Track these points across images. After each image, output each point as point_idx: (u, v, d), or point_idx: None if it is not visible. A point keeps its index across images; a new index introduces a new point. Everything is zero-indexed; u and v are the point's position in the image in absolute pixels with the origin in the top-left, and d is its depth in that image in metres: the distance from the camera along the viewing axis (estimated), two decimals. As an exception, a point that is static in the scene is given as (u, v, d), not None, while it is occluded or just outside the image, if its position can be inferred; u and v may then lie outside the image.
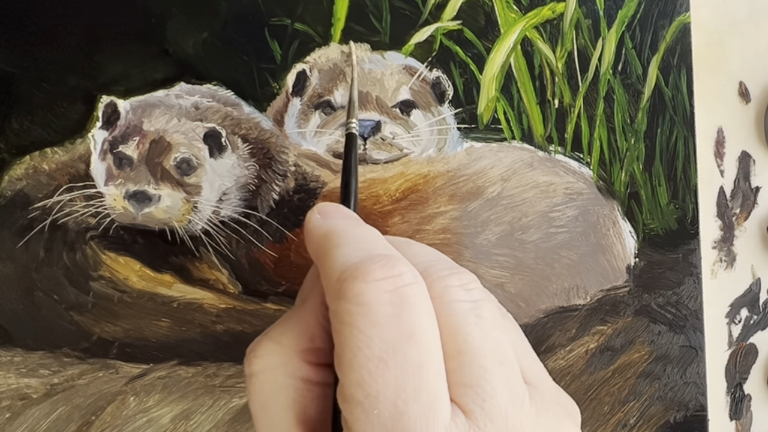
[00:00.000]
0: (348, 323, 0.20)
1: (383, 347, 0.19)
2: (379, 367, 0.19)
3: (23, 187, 0.34)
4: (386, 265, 0.20)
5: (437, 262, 0.22)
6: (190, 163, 0.35)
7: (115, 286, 0.35)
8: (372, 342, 0.19)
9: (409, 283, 0.20)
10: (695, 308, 0.43)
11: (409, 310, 0.20)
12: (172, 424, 0.35)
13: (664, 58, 0.41)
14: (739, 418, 0.46)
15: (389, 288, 0.20)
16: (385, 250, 0.22)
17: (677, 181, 0.42)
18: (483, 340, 0.20)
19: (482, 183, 0.39)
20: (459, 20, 0.38)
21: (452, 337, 0.20)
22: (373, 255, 0.21)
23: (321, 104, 0.37)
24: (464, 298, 0.21)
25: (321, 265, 0.22)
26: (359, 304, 0.20)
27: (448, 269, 0.22)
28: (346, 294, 0.20)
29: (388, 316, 0.19)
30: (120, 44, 0.34)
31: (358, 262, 0.20)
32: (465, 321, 0.21)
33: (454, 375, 0.20)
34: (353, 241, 0.22)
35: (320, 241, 0.23)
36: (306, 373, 0.22)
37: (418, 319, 0.20)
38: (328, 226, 0.23)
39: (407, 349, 0.19)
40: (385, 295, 0.20)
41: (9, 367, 0.34)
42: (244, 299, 0.36)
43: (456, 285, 0.21)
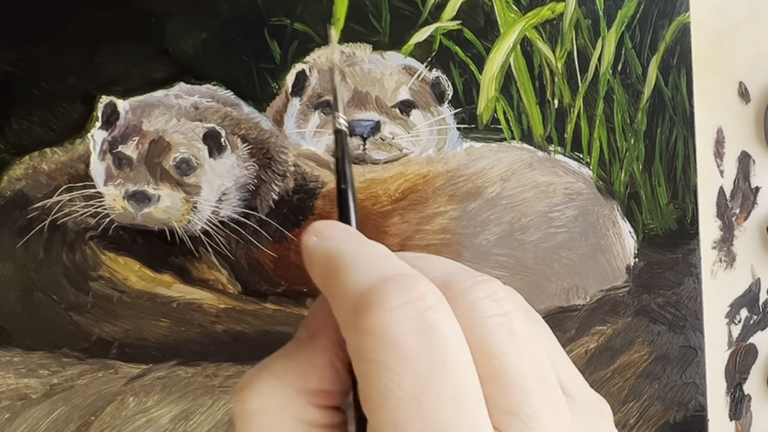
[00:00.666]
0: (373, 361, 0.18)
1: (416, 385, 0.17)
2: (413, 406, 0.17)
3: (23, 187, 0.34)
4: (403, 287, 0.18)
5: (456, 273, 0.21)
6: (190, 163, 0.35)
7: (114, 286, 0.35)
8: (402, 380, 0.17)
9: (432, 306, 0.18)
10: (695, 308, 0.43)
11: (437, 338, 0.18)
12: (172, 424, 0.35)
13: (664, 58, 0.41)
14: (739, 418, 0.46)
15: (412, 315, 0.18)
16: (399, 268, 0.20)
17: (677, 181, 0.42)
18: (519, 358, 0.19)
19: (482, 183, 0.39)
20: (458, 20, 0.38)
21: (487, 360, 0.19)
22: (387, 277, 0.19)
23: (320, 104, 0.37)
24: (494, 312, 0.19)
25: (329, 293, 0.20)
26: (381, 338, 0.18)
27: (470, 279, 0.20)
28: (365, 327, 0.18)
29: (416, 347, 0.18)
30: (120, 44, 0.34)
31: (371, 288, 0.18)
32: (498, 339, 0.19)
33: (493, 401, 0.18)
34: (362, 261, 0.20)
35: (323, 267, 0.21)
36: (312, 416, 0.20)
37: (449, 346, 0.18)
38: (329, 249, 0.21)
39: (441, 381, 0.17)
40: (409, 324, 0.18)
41: (8, 368, 0.33)
42: (244, 299, 0.36)
43: (483, 297, 0.19)
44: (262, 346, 0.36)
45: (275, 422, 0.20)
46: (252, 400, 0.20)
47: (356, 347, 0.18)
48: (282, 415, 0.20)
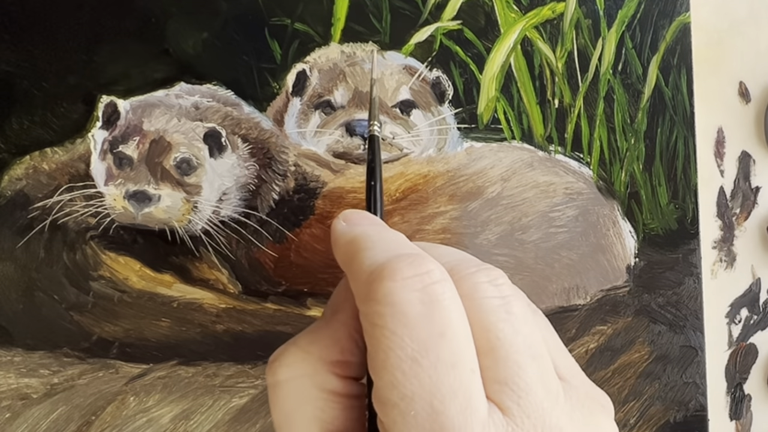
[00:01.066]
0: (379, 325, 0.19)
1: (415, 347, 0.19)
2: (413, 367, 0.19)
3: (23, 187, 0.34)
4: (413, 263, 0.20)
5: (464, 260, 0.22)
6: (190, 162, 0.35)
7: (115, 286, 0.35)
8: (404, 342, 0.19)
9: (437, 281, 0.20)
10: (695, 308, 0.43)
11: (439, 308, 0.19)
12: (172, 424, 0.35)
13: (664, 58, 0.41)
14: (739, 418, 0.46)
15: (418, 286, 0.20)
16: (412, 249, 0.22)
17: (677, 181, 0.42)
18: (515, 335, 0.20)
19: (482, 183, 0.39)
20: (459, 20, 0.38)
21: (484, 334, 0.20)
22: (400, 254, 0.21)
23: (321, 104, 0.37)
24: (493, 294, 0.21)
25: (349, 270, 0.22)
26: (389, 305, 0.19)
27: (475, 266, 0.22)
28: (375, 295, 0.20)
29: (419, 314, 0.19)
30: (120, 44, 0.34)
31: (385, 262, 0.20)
32: (496, 317, 0.20)
33: (488, 372, 0.20)
34: (380, 243, 0.22)
35: (347, 248, 0.23)
36: (334, 385, 0.22)
37: (449, 317, 0.19)
38: (354, 232, 0.23)
39: (440, 347, 0.19)
40: (415, 293, 0.19)
41: (9, 367, 0.34)
42: (244, 299, 0.36)
43: (484, 281, 0.21)
44: (263, 346, 0.36)
45: (301, 390, 0.22)
46: (281, 371, 0.22)
47: (366, 314, 0.20)
48: (307, 384, 0.22)
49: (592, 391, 0.23)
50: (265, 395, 0.36)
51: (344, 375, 0.22)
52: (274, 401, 0.22)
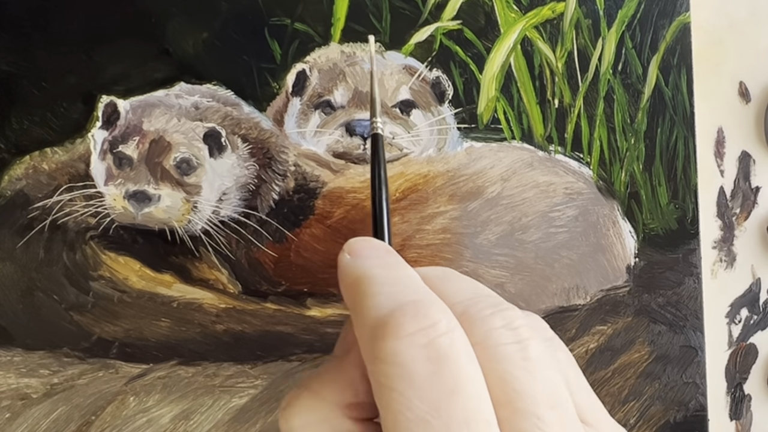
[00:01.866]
0: (386, 386, 0.19)
1: (425, 408, 0.18)
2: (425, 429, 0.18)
3: (23, 187, 0.34)
4: (417, 315, 0.19)
5: (477, 301, 0.21)
6: (190, 162, 0.35)
7: (115, 286, 0.35)
8: (412, 404, 0.18)
9: (444, 333, 0.19)
10: (695, 308, 0.43)
11: (448, 364, 0.18)
12: (172, 424, 0.35)
13: (664, 58, 0.41)
14: (739, 418, 0.46)
15: (423, 341, 0.19)
16: (417, 294, 0.21)
17: (677, 181, 0.42)
18: (532, 383, 0.19)
19: (482, 183, 0.39)
20: (459, 20, 0.38)
21: (500, 385, 0.19)
22: (402, 304, 0.20)
23: (321, 104, 0.37)
24: (509, 340, 0.20)
25: (354, 319, 0.21)
26: (394, 365, 0.19)
27: (490, 307, 0.20)
28: (379, 354, 0.19)
29: (427, 373, 0.18)
30: (120, 44, 0.34)
31: (387, 315, 0.19)
32: (511, 366, 0.19)
33: (507, 425, 0.19)
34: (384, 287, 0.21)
35: (351, 291, 0.22)
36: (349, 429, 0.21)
37: (459, 372, 0.18)
38: (358, 270, 0.22)
39: (451, 406, 0.18)
40: (420, 350, 0.18)
41: (9, 367, 0.34)
42: (244, 299, 0.36)
43: (499, 326, 0.20)
44: (263, 346, 0.36)
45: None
46: (295, 419, 0.21)
47: (373, 373, 0.19)
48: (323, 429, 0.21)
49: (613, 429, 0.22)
50: (265, 395, 0.36)
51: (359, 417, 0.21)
52: None
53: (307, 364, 0.36)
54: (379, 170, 0.26)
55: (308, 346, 0.36)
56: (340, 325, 0.37)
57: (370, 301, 0.20)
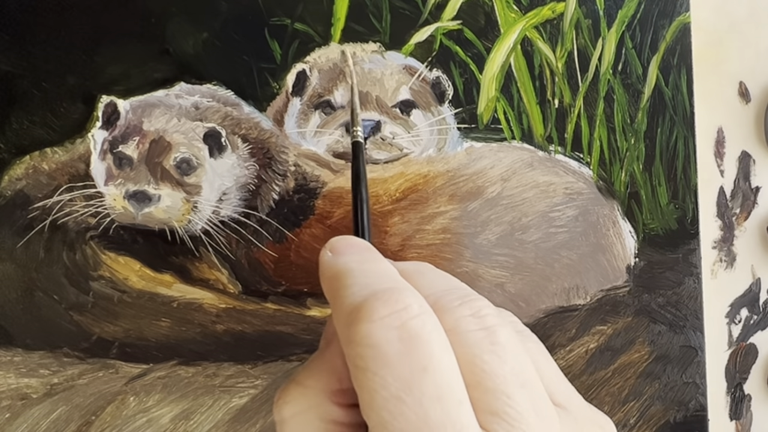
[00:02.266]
0: (361, 367, 0.20)
1: (398, 385, 0.19)
2: (398, 405, 0.19)
3: (23, 187, 0.34)
4: (389, 300, 0.20)
5: (449, 292, 0.22)
6: (190, 162, 0.35)
7: (115, 286, 0.35)
8: (386, 382, 0.19)
9: (415, 315, 0.20)
10: (695, 308, 0.43)
11: (418, 343, 0.19)
12: (172, 424, 0.35)
13: (664, 58, 0.41)
14: (739, 418, 0.46)
15: (396, 323, 0.19)
16: (391, 283, 0.22)
17: (677, 181, 0.42)
18: (500, 365, 0.20)
19: (482, 183, 0.39)
20: (459, 20, 0.38)
21: (470, 368, 0.20)
22: (376, 291, 0.21)
23: (321, 104, 0.37)
24: (476, 327, 0.21)
25: (332, 310, 0.22)
26: (368, 346, 0.19)
27: (459, 299, 0.21)
28: (354, 337, 0.20)
29: (398, 353, 0.19)
30: (120, 44, 0.34)
31: (362, 302, 0.20)
32: (480, 349, 0.20)
33: (479, 404, 0.20)
34: (359, 279, 0.22)
35: (330, 284, 0.23)
36: (336, 415, 0.22)
37: (430, 351, 0.19)
38: (337, 265, 0.23)
39: (423, 382, 0.19)
40: (393, 331, 0.19)
41: (9, 367, 0.34)
42: (244, 299, 0.36)
43: (467, 315, 0.21)
44: (263, 346, 0.36)
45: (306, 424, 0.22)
46: (285, 408, 0.22)
47: (349, 356, 0.20)
48: (311, 417, 0.22)
49: (591, 415, 0.23)
50: (265, 395, 0.36)
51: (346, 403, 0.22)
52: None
53: (307, 364, 0.36)
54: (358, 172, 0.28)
55: (308, 346, 0.36)
56: (340, 325, 0.37)
57: (346, 291, 0.21)
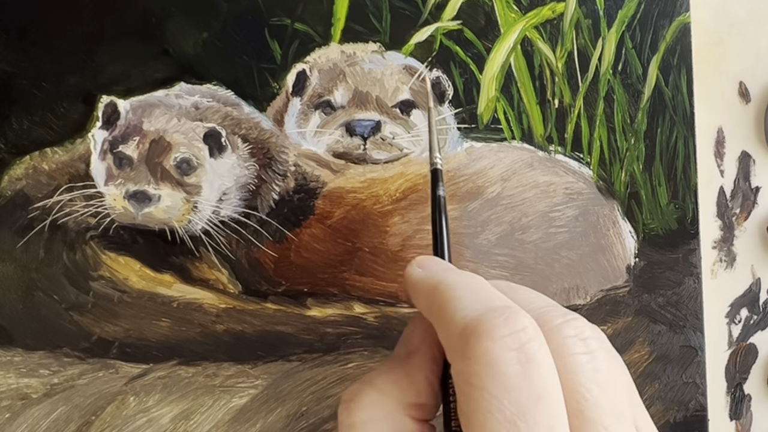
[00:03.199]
0: (477, 386, 0.19)
1: (514, 410, 0.19)
2: (511, 431, 0.19)
3: (23, 187, 0.34)
4: (509, 320, 0.20)
5: (548, 309, 0.22)
6: (190, 162, 0.35)
7: (115, 286, 0.35)
8: (503, 405, 0.19)
9: (532, 338, 0.20)
10: (695, 308, 0.43)
11: (536, 369, 0.19)
12: (172, 424, 0.35)
13: (664, 58, 0.41)
14: (739, 418, 0.46)
15: (515, 345, 0.19)
16: (503, 301, 0.22)
17: (677, 181, 0.42)
18: (601, 395, 0.20)
19: (482, 183, 0.39)
20: (459, 20, 0.38)
21: (572, 395, 0.20)
22: (491, 308, 0.21)
23: (321, 104, 0.37)
24: (581, 351, 0.21)
25: (437, 320, 0.22)
26: (487, 365, 0.19)
27: (561, 317, 0.21)
28: (472, 353, 0.20)
29: (517, 376, 0.19)
30: (120, 44, 0.34)
31: (479, 317, 0.20)
32: (584, 377, 0.20)
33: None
34: (469, 293, 0.22)
35: (431, 296, 0.23)
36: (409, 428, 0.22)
37: (545, 378, 0.19)
38: (434, 279, 0.23)
39: (537, 410, 0.19)
40: (512, 353, 0.19)
41: (9, 367, 0.34)
42: (244, 299, 0.36)
43: (572, 335, 0.21)
44: (263, 346, 0.36)
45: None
46: (358, 413, 0.22)
47: (462, 372, 0.20)
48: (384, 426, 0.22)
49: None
50: (265, 395, 0.36)
51: (419, 417, 0.22)
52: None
53: (307, 363, 0.36)
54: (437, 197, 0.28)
55: (308, 346, 0.36)
56: (340, 324, 0.37)
57: (456, 303, 0.21)
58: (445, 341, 0.21)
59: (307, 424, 0.37)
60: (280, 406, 0.36)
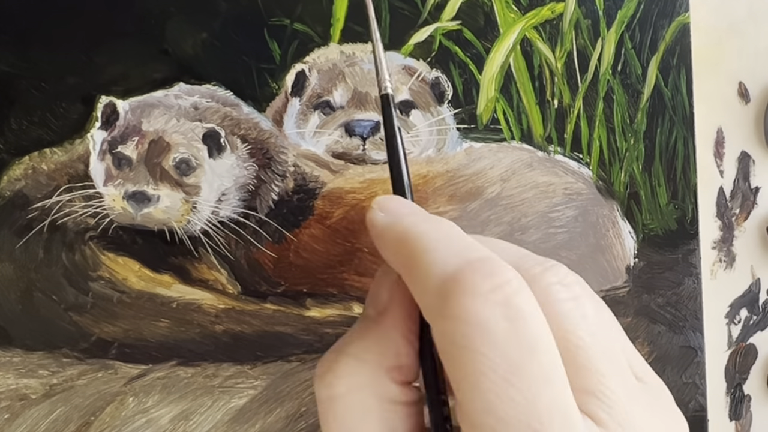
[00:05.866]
0: (464, 346, 0.18)
1: (506, 368, 0.18)
2: (507, 389, 0.18)
3: (22, 188, 0.34)
4: (492, 273, 0.19)
5: (526, 258, 0.21)
6: (189, 163, 0.35)
7: (114, 287, 0.35)
8: (495, 364, 0.18)
9: (518, 291, 0.18)
10: (695, 308, 0.43)
11: (525, 323, 0.18)
12: (172, 424, 0.35)
13: (664, 59, 0.41)
14: (739, 418, 0.46)
15: (500, 300, 0.18)
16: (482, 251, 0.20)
17: (677, 182, 0.42)
18: (593, 341, 0.19)
19: (482, 183, 0.39)
20: (458, 20, 0.38)
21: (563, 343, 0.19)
22: (470, 260, 0.19)
23: (320, 104, 0.37)
24: (566, 296, 0.20)
25: (408, 274, 0.20)
26: (473, 324, 0.18)
27: (539, 264, 0.20)
28: (454, 312, 0.18)
29: (506, 333, 0.18)
30: (119, 44, 0.34)
31: (458, 271, 0.19)
32: (573, 324, 0.19)
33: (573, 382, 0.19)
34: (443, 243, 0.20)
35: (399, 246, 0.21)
36: (394, 393, 0.20)
37: (536, 330, 0.18)
38: (403, 224, 0.21)
39: (531, 365, 0.18)
40: (498, 309, 0.18)
41: (8, 368, 0.33)
42: (243, 299, 0.36)
43: (555, 282, 0.20)
44: (262, 347, 0.36)
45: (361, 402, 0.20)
46: (338, 383, 0.20)
47: (444, 333, 0.19)
48: (367, 394, 0.20)
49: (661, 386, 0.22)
50: (264, 395, 0.36)
51: (403, 381, 0.21)
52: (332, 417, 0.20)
53: (307, 364, 0.36)
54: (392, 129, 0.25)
55: (308, 346, 0.36)
56: (339, 325, 0.37)
57: (430, 256, 0.20)
58: (420, 299, 0.20)
59: (307, 425, 0.37)
60: (280, 407, 0.36)
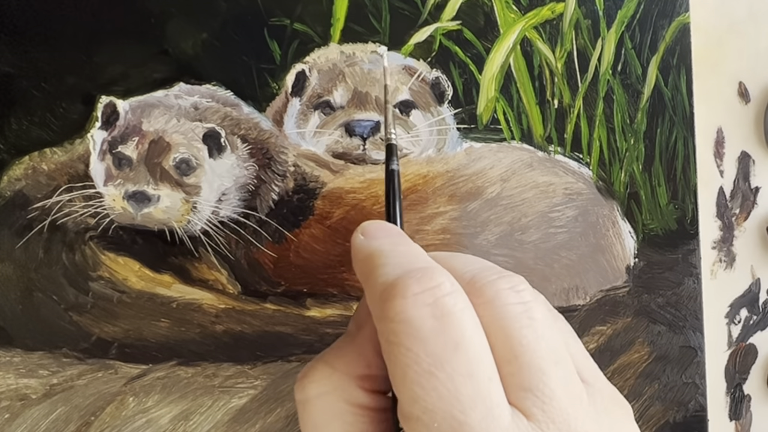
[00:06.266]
0: (394, 342, 0.20)
1: (431, 361, 0.19)
2: (430, 381, 0.19)
3: (22, 188, 0.34)
4: (423, 278, 0.20)
5: (485, 269, 0.22)
6: (189, 163, 0.35)
7: (114, 287, 0.35)
8: (419, 357, 0.19)
9: (448, 293, 0.20)
10: (695, 308, 0.43)
11: (451, 320, 0.20)
12: (171, 424, 0.35)
13: (664, 59, 0.41)
14: (739, 418, 0.46)
15: (429, 300, 0.20)
16: (423, 263, 0.22)
17: (677, 182, 0.42)
18: (537, 341, 0.20)
19: (482, 183, 0.39)
20: (458, 20, 0.38)
21: (506, 341, 0.20)
22: (409, 270, 0.21)
23: (320, 104, 0.37)
24: (515, 300, 0.21)
25: (365, 288, 0.23)
26: (401, 322, 0.20)
27: (496, 274, 0.22)
28: (388, 313, 0.20)
29: (431, 329, 0.20)
30: (119, 44, 0.34)
31: (396, 279, 0.21)
32: (518, 324, 0.21)
33: (511, 379, 0.20)
34: (393, 258, 0.22)
35: (363, 264, 0.23)
36: (362, 399, 0.22)
37: (462, 328, 0.20)
38: (370, 247, 0.23)
39: (455, 359, 0.19)
40: (426, 308, 0.20)
41: (8, 368, 0.33)
42: (243, 299, 0.36)
43: (506, 287, 0.21)
44: (262, 347, 0.36)
45: (331, 405, 0.22)
46: (310, 387, 0.22)
47: (382, 332, 0.21)
48: (336, 399, 0.22)
49: (614, 394, 0.23)
50: (264, 395, 0.36)
51: (371, 389, 0.22)
52: (305, 417, 0.22)
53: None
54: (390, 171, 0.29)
55: (308, 346, 0.36)
56: (339, 325, 0.37)
57: (380, 270, 0.22)
58: (371, 307, 0.22)
59: (307, 425, 0.37)
60: (280, 407, 0.36)
